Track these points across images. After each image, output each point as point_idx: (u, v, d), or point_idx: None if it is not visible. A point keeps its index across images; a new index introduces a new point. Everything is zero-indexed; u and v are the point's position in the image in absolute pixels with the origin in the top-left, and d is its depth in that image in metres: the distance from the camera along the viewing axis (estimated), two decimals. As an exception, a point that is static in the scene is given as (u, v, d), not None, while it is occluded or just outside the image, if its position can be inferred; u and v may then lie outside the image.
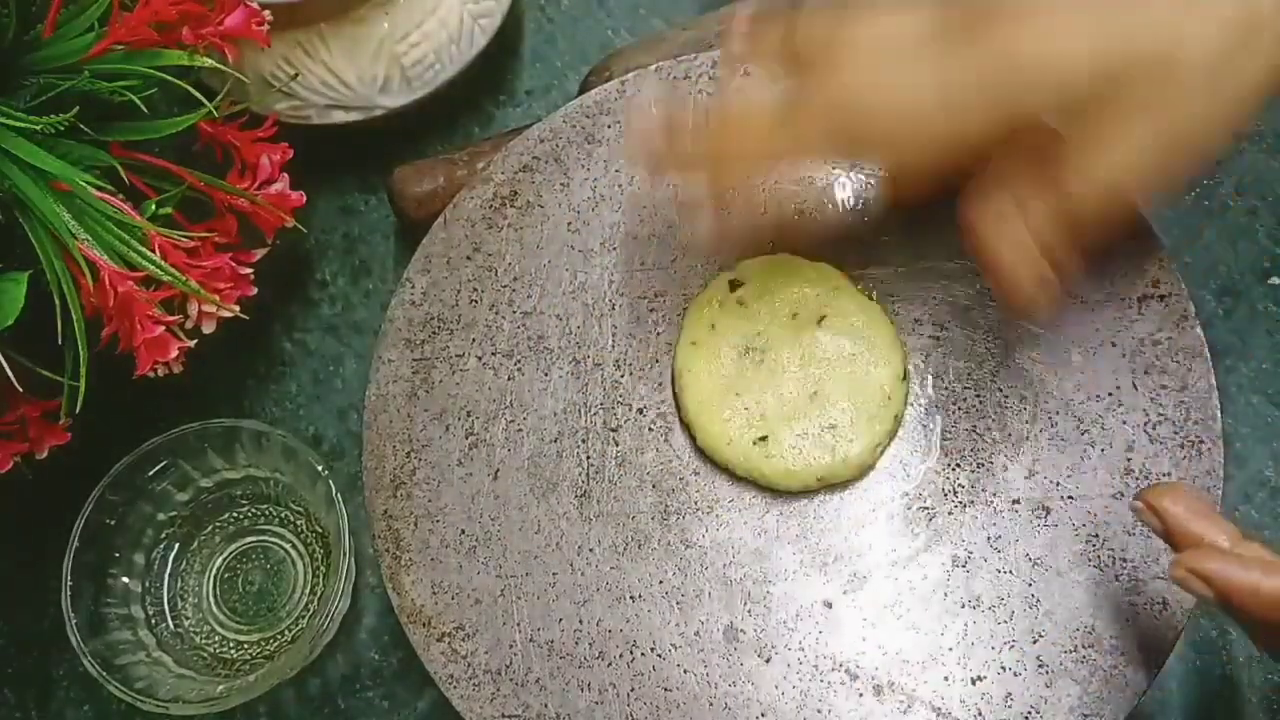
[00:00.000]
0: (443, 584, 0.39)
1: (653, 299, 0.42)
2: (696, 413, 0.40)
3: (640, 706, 0.37)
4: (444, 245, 0.42)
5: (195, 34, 0.38)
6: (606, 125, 0.44)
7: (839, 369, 0.40)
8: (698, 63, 0.44)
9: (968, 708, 0.36)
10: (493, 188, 0.43)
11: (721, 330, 0.41)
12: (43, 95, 0.37)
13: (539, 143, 0.44)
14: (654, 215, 0.43)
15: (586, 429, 0.41)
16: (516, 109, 0.52)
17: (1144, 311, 0.40)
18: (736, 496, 0.40)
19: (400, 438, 0.40)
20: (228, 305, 0.40)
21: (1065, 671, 0.36)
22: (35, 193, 0.36)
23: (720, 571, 0.39)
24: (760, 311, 0.41)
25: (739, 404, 0.40)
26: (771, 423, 0.39)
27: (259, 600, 0.44)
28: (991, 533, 0.38)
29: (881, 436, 0.39)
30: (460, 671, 0.38)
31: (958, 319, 0.41)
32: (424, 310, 0.42)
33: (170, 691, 0.39)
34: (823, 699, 0.37)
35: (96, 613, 0.40)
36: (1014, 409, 0.40)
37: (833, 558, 0.39)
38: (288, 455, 0.42)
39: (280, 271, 0.46)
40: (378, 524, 0.39)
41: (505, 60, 0.52)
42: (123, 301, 0.36)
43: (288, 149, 0.42)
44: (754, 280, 0.41)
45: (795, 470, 0.39)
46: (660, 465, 0.40)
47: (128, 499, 0.42)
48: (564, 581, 0.39)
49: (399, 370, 0.41)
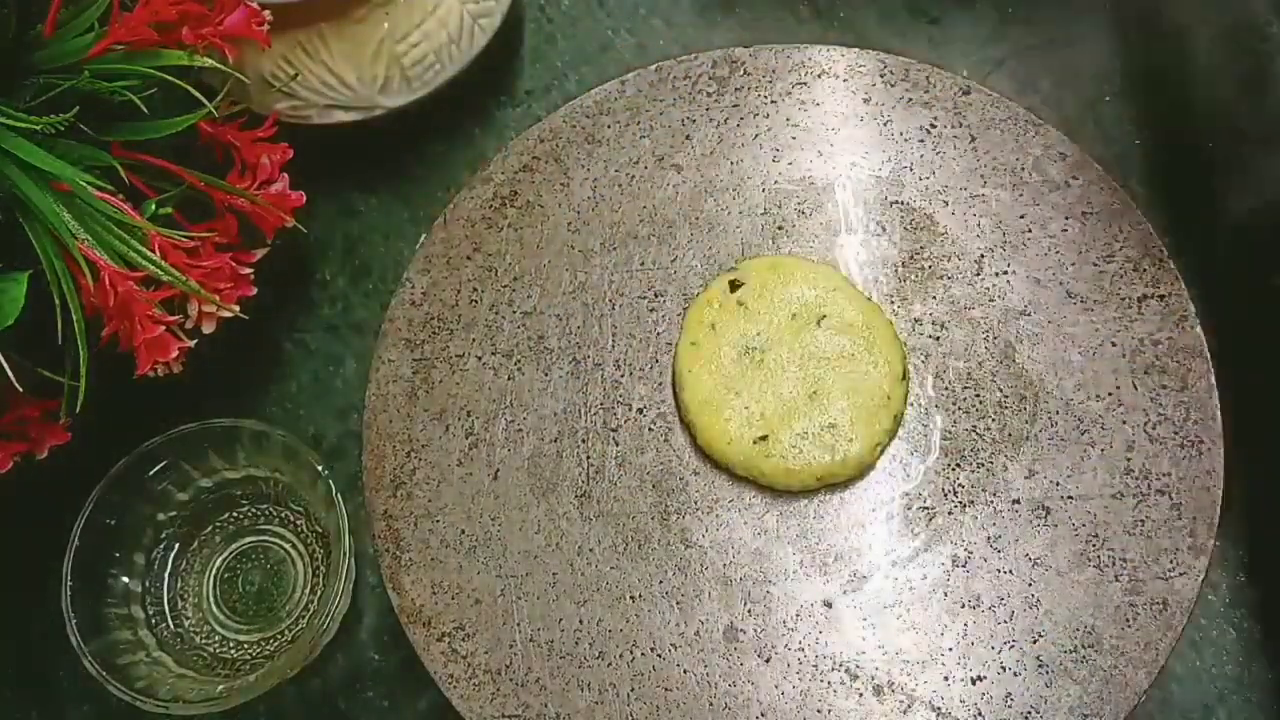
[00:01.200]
0: (443, 584, 0.39)
1: (653, 299, 0.42)
2: (696, 413, 0.40)
3: (640, 706, 0.37)
4: (444, 245, 0.42)
5: (195, 34, 0.38)
6: (606, 125, 0.44)
7: (838, 369, 0.40)
8: (698, 63, 0.44)
9: (968, 708, 0.36)
10: (493, 188, 0.43)
11: (721, 330, 0.41)
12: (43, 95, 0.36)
13: (539, 143, 0.44)
14: (654, 215, 0.43)
15: (586, 429, 0.41)
16: (516, 109, 0.52)
17: (1144, 311, 0.40)
18: (736, 496, 0.40)
19: (400, 438, 0.40)
20: (228, 305, 0.40)
21: (1065, 671, 0.36)
22: (35, 193, 0.36)
23: (720, 571, 0.39)
24: (760, 311, 0.41)
25: (739, 404, 0.40)
26: (771, 422, 0.39)
27: (259, 600, 0.44)
28: (991, 533, 0.38)
29: (881, 436, 0.39)
30: (460, 671, 0.38)
31: (958, 319, 0.41)
32: (424, 310, 0.42)
33: (170, 691, 0.39)
34: (823, 699, 0.37)
35: (97, 613, 0.40)
36: (1014, 409, 0.40)
37: (833, 558, 0.39)
38: (288, 455, 0.42)
39: (280, 271, 0.46)
40: (378, 524, 0.39)
41: (505, 60, 0.52)
42: (123, 301, 0.36)
43: (288, 149, 0.42)
44: (754, 280, 0.41)
45: (795, 470, 0.39)
46: (660, 465, 0.40)
47: (128, 499, 0.42)
48: (564, 581, 0.39)
49: (399, 370, 0.41)
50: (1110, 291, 0.40)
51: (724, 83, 0.44)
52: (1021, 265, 0.41)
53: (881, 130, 0.43)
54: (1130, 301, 0.40)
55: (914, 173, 0.43)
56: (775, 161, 0.43)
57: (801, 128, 0.44)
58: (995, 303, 0.41)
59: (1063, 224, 0.41)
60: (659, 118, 0.44)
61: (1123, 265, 0.41)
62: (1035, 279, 0.41)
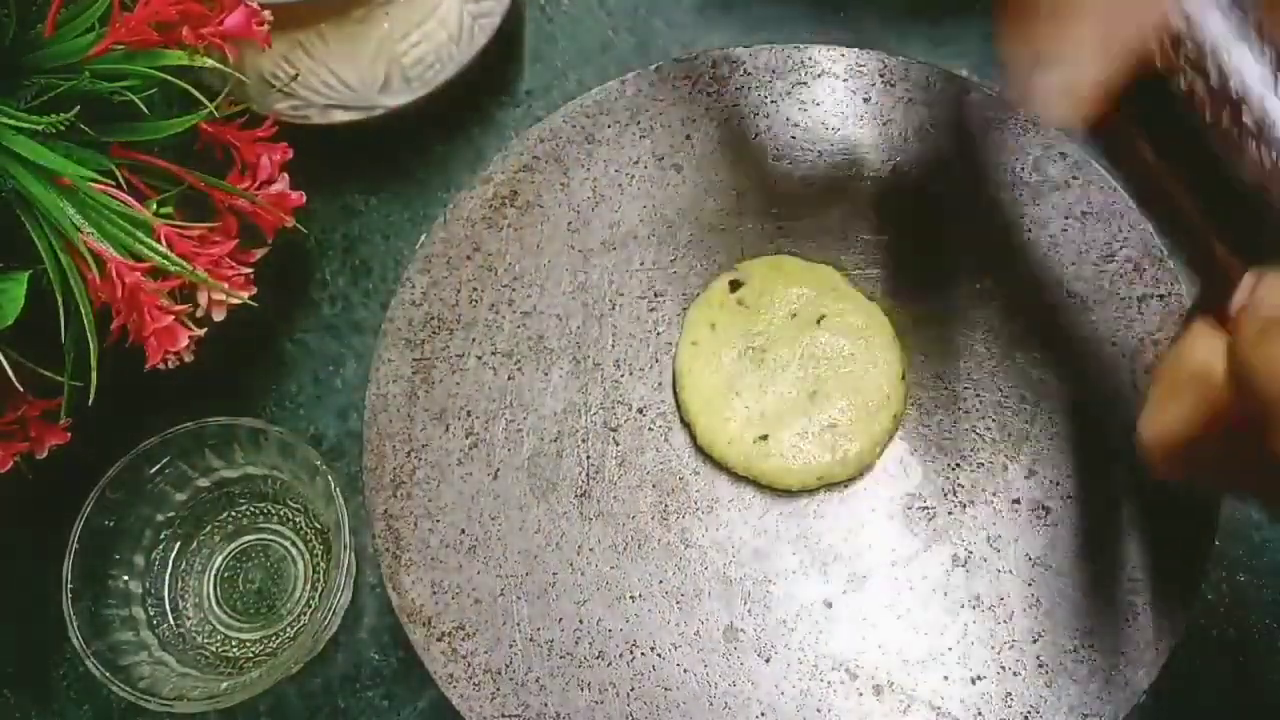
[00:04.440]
0: (443, 584, 0.39)
1: (653, 299, 0.42)
2: (697, 412, 0.40)
3: (640, 706, 0.37)
4: (444, 245, 0.42)
5: (195, 34, 0.38)
6: (606, 125, 0.44)
7: (838, 368, 0.40)
8: (698, 63, 0.44)
9: (968, 708, 0.36)
10: (493, 188, 0.43)
11: (721, 330, 0.41)
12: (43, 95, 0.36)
13: (539, 143, 0.44)
14: (654, 215, 0.43)
15: (586, 429, 0.41)
16: (516, 109, 0.52)
17: (1144, 311, 0.40)
18: (736, 496, 0.40)
19: (400, 437, 0.40)
20: (236, 292, 0.39)
21: (1065, 671, 0.36)
22: (38, 188, 0.36)
23: (720, 571, 0.39)
24: (760, 311, 0.41)
25: (739, 403, 0.40)
26: (771, 422, 0.39)
27: (260, 598, 0.44)
28: (991, 533, 0.38)
29: (881, 436, 0.39)
30: (460, 671, 0.38)
31: (958, 319, 0.41)
32: (424, 310, 0.42)
33: (174, 690, 0.39)
34: (822, 698, 0.37)
35: (97, 614, 0.40)
36: (1014, 409, 0.40)
37: (833, 557, 0.39)
38: (285, 452, 0.42)
39: (280, 271, 0.46)
40: (377, 523, 0.39)
41: (505, 60, 0.52)
42: (130, 292, 0.36)
43: (288, 149, 0.42)
44: (754, 280, 0.41)
45: (795, 469, 0.39)
46: (660, 465, 0.40)
47: (127, 499, 0.42)
48: (564, 581, 0.39)
49: (399, 370, 0.41)
50: (1110, 291, 0.40)
51: (724, 83, 0.44)
52: (1021, 265, 0.41)
53: (881, 130, 0.43)
54: (1130, 301, 0.40)
55: (914, 173, 0.43)
56: (775, 161, 0.43)
57: (801, 127, 0.44)
58: (995, 302, 0.41)
59: (1062, 224, 0.41)
60: (659, 118, 0.44)
61: (1123, 265, 0.41)
62: (1035, 279, 0.41)
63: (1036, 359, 0.40)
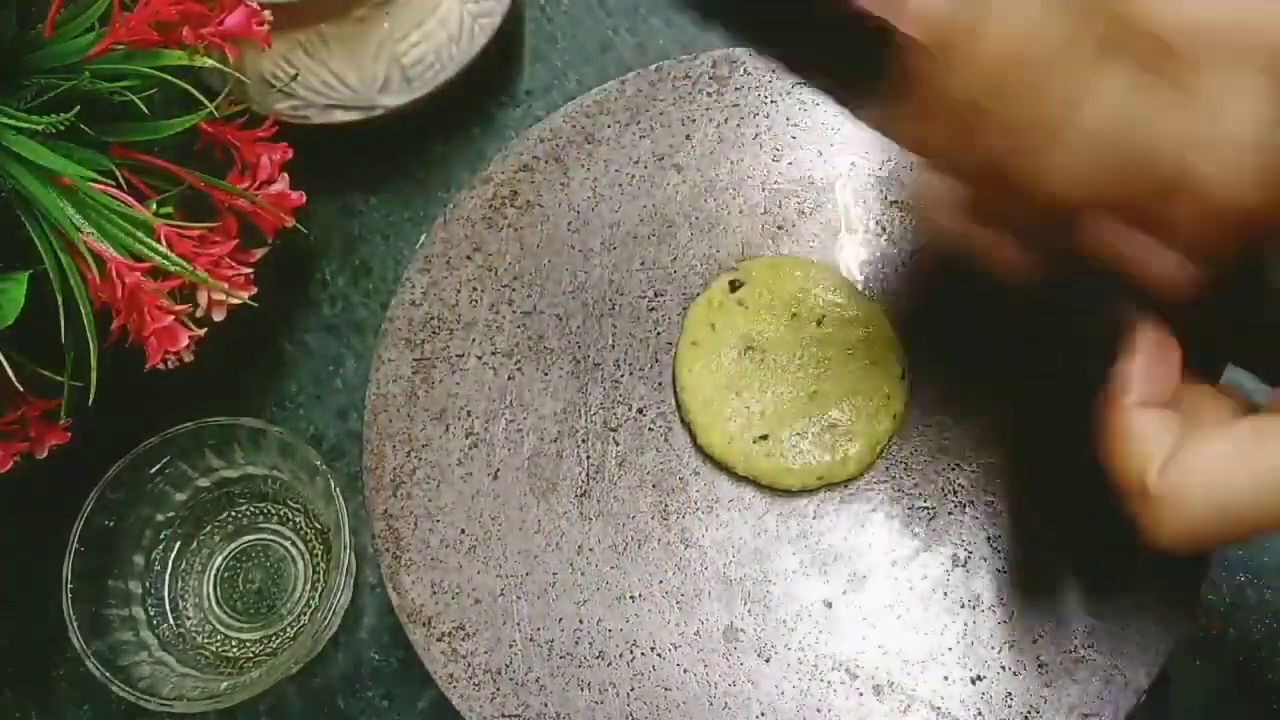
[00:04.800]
0: (442, 584, 0.39)
1: (653, 299, 0.42)
2: (697, 412, 0.40)
3: (640, 706, 0.37)
4: (444, 245, 0.42)
5: (195, 34, 0.38)
6: (606, 125, 0.44)
7: (838, 368, 0.40)
8: (698, 63, 0.44)
9: (968, 708, 0.36)
10: (493, 188, 0.43)
11: (721, 330, 0.41)
12: (43, 95, 0.37)
13: (539, 143, 0.44)
14: (654, 215, 0.43)
15: (586, 429, 0.41)
16: (516, 109, 0.52)
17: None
18: (736, 496, 0.40)
19: (400, 437, 0.40)
20: (236, 292, 0.40)
21: (1065, 671, 0.36)
22: (37, 188, 0.36)
23: (720, 571, 0.39)
24: (760, 311, 0.41)
25: (739, 403, 0.40)
26: (771, 422, 0.39)
27: (260, 599, 0.44)
28: (991, 533, 0.38)
29: (881, 436, 0.39)
30: (460, 671, 0.38)
31: (958, 319, 0.41)
32: (424, 310, 0.42)
33: (174, 690, 0.39)
34: (822, 699, 0.37)
35: (98, 615, 0.40)
36: (1014, 408, 0.40)
37: (832, 557, 0.39)
38: (285, 452, 0.42)
39: (280, 271, 0.46)
40: (377, 523, 0.39)
41: (505, 60, 0.52)
42: (130, 292, 0.36)
43: (288, 149, 0.42)
44: (754, 280, 0.41)
45: (795, 469, 0.39)
46: (660, 465, 0.40)
47: (127, 499, 0.42)
48: (564, 581, 0.39)
49: (399, 370, 0.41)
50: (1110, 291, 0.40)
51: (724, 83, 0.44)
52: (1021, 265, 0.41)
53: (881, 130, 0.43)
54: (1130, 301, 0.40)
55: (914, 172, 0.43)
56: (775, 161, 0.43)
57: (801, 127, 0.44)
58: (995, 302, 0.41)
59: (1063, 224, 0.41)
60: (659, 118, 0.44)
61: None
62: (1035, 279, 0.41)
63: (1037, 359, 0.40)
